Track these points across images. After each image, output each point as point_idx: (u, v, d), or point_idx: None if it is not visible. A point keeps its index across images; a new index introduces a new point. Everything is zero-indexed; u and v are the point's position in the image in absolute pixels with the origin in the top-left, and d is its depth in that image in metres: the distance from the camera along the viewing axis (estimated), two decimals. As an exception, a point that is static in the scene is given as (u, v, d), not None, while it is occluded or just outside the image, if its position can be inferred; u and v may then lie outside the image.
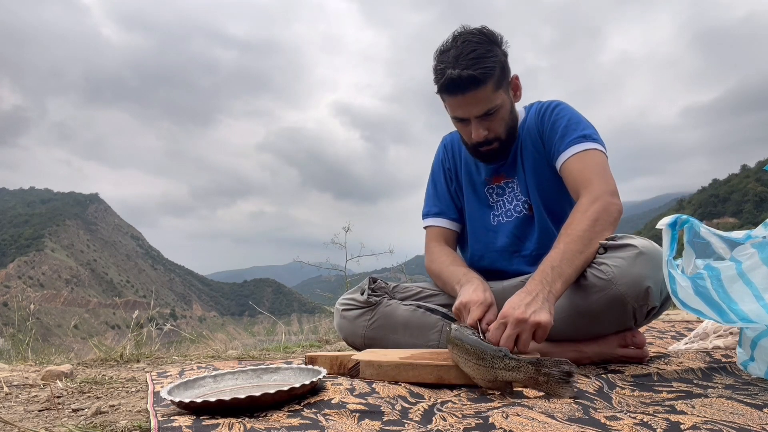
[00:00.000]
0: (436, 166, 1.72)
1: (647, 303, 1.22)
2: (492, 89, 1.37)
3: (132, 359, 2.03)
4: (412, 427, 0.84)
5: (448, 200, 1.67)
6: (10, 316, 3.18)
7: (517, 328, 1.11)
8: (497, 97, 1.39)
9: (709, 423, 0.78)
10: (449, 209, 1.66)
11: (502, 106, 1.42)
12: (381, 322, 1.52)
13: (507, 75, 1.44)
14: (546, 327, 1.11)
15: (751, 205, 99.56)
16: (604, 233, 1.28)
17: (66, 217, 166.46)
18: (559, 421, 0.83)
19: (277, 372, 1.22)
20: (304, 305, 69.51)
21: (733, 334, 1.49)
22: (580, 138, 1.41)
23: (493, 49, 1.38)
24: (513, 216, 1.55)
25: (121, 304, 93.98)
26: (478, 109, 1.39)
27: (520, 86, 1.50)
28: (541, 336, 1.12)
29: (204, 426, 0.85)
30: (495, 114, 1.41)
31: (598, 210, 1.29)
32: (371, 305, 1.55)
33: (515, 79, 1.47)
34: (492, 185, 1.59)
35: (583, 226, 1.26)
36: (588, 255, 1.25)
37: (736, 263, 1.06)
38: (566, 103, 1.53)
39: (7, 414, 1.09)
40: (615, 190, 1.34)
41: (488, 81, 1.35)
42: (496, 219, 1.58)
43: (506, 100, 1.44)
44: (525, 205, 1.53)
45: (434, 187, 1.70)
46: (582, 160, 1.39)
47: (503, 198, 1.57)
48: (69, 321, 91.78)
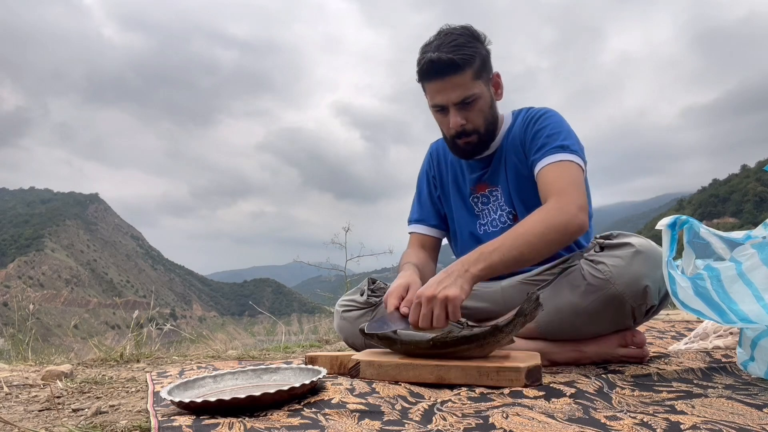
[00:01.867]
0: (422, 174, 1.75)
1: (646, 302, 1.22)
2: (471, 77, 1.39)
3: (132, 359, 2.03)
4: (412, 427, 0.84)
5: (429, 208, 1.70)
6: (10, 316, 3.18)
7: (428, 305, 1.17)
8: (476, 86, 1.40)
9: (709, 423, 0.78)
10: (430, 216, 1.70)
11: (481, 97, 1.42)
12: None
13: (488, 69, 1.45)
14: (454, 300, 1.15)
15: (751, 205, 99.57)
16: (553, 245, 1.27)
17: (66, 217, 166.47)
18: (559, 421, 0.83)
19: (277, 372, 1.22)
20: (304, 305, 69.54)
21: (733, 334, 1.49)
22: (558, 148, 1.40)
23: (474, 42, 1.41)
24: (498, 226, 1.55)
25: (121, 304, 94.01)
26: (456, 94, 1.39)
27: (502, 85, 1.51)
28: (453, 312, 1.16)
29: (204, 426, 0.85)
30: (473, 104, 1.42)
31: (557, 219, 1.27)
32: (371, 306, 1.55)
33: (496, 76, 1.48)
34: (477, 194, 1.59)
35: (534, 228, 1.26)
36: (528, 256, 1.25)
37: (736, 264, 1.06)
38: (555, 111, 1.52)
39: (7, 414, 1.09)
40: (584, 205, 1.31)
41: (467, 67, 1.37)
42: (482, 228, 1.58)
43: (486, 92, 1.44)
44: (509, 216, 1.53)
45: (418, 195, 1.74)
46: (557, 169, 1.38)
47: (488, 207, 1.57)
48: (69, 321, 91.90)
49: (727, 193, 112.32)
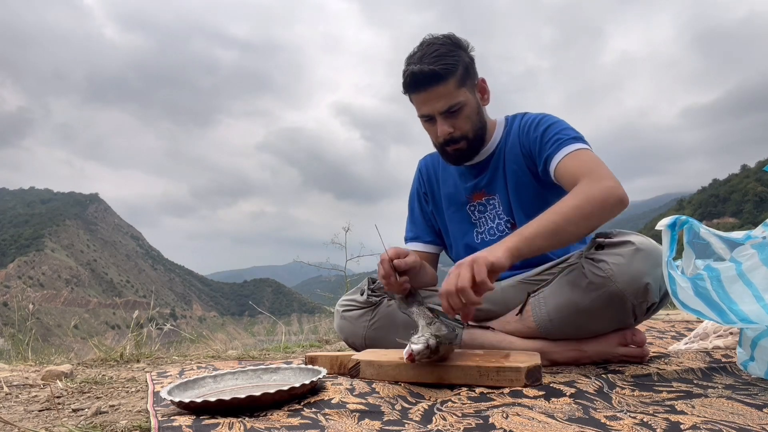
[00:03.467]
0: (412, 193, 1.77)
1: (647, 300, 1.22)
2: (454, 85, 1.39)
3: (132, 359, 2.03)
4: (412, 427, 0.84)
5: (422, 225, 1.72)
6: (10, 316, 3.18)
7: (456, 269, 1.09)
8: (460, 94, 1.41)
9: (709, 423, 0.78)
10: (424, 233, 1.71)
11: (467, 104, 1.43)
12: (382, 323, 1.52)
13: (472, 75, 1.45)
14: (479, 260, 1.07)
15: (751, 205, 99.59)
16: (593, 218, 1.22)
17: (66, 217, 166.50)
18: (559, 421, 0.83)
19: (277, 372, 1.22)
20: (304, 305, 69.54)
21: (733, 334, 1.49)
22: (571, 140, 1.39)
23: (456, 51, 1.41)
24: (496, 235, 1.54)
25: (121, 304, 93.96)
26: (441, 104, 1.40)
27: (488, 90, 1.51)
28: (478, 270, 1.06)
29: (204, 426, 0.85)
30: (459, 111, 1.42)
31: (595, 190, 1.23)
32: (372, 305, 1.55)
33: (482, 82, 1.49)
34: (473, 202, 1.58)
35: (570, 201, 1.22)
36: (568, 228, 1.19)
37: (736, 264, 1.06)
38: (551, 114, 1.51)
39: (7, 414, 1.09)
40: (617, 181, 1.28)
41: (449, 77, 1.38)
42: (480, 237, 1.57)
43: (471, 99, 1.44)
44: (507, 224, 1.53)
45: (411, 214, 1.76)
46: (577, 157, 1.36)
47: (485, 215, 1.57)
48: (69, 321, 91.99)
49: (727, 193, 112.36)
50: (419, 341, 1.07)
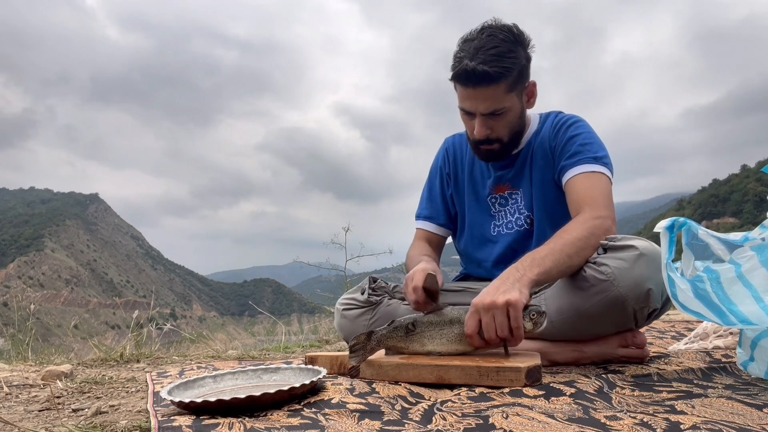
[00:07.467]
0: (434, 170, 1.73)
1: (648, 305, 1.22)
2: (504, 90, 1.36)
3: (132, 359, 2.03)
4: (412, 427, 0.84)
5: (439, 205, 1.69)
6: (10, 316, 3.18)
7: (489, 313, 1.11)
8: (508, 99, 1.38)
9: (709, 423, 0.78)
10: (439, 215, 1.69)
11: (511, 110, 1.41)
12: (382, 322, 1.52)
13: (524, 79, 1.41)
14: (516, 305, 1.09)
15: (751, 206, 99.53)
16: (590, 250, 1.27)
17: (66, 217, 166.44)
18: (559, 421, 0.83)
19: (277, 372, 1.22)
20: (304, 305, 69.51)
21: (733, 334, 1.49)
22: (592, 159, 1.40)
23: (516, 50, 1.36)
24: (513, 229, 1.54)
25: (121, 304, 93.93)
26: (485, 106, 1.38)
27: (536, 94, 1.48)
28: (515, 317, 1.09)
29: (204, 426, 0.85)
30: (501, 116, 1.40)
31: (597, 226, 1.29)
32: (372, 305, 1.55)
33: (532, 85, 1.45)
34: (495, 195, 1.58)
35: (578, 233, 1.26)
36: (575, 261, 1.24)
37: (736, 265, 1.06)
38: (585, 120, 1.50)
39: (7, 414, 1.09)
40: (615, 217, 1.34)
41: (502, 81, 1.34)
42: (497, 229, 1.57)
43: (517, 104, 1.42)
44: (527, 220, 1.52)
45: (429, 191, 1.72)
46: (590, 179, 1.38)
47: (505, 209, 1.56)
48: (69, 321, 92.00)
49: (727, 194, 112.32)
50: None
